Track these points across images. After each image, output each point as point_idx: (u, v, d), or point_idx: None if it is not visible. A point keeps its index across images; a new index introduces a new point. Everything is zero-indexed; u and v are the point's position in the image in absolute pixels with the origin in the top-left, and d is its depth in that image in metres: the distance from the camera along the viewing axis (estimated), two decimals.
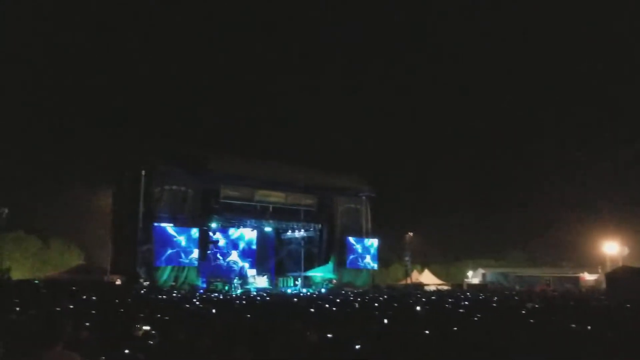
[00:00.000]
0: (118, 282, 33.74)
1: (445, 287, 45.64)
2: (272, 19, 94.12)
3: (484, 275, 55.52)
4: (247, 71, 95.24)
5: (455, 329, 10.47)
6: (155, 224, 36.11)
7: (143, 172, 36.10)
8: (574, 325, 10.91)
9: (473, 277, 55.87)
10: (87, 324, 9.62)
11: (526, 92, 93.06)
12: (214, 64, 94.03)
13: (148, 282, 34.00)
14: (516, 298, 26.25)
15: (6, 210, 33.11)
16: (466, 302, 20.67)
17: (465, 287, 47.50)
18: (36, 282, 30.70)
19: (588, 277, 48.76)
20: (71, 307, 14.78)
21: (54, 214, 43.06)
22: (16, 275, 36.75)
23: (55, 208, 42.63)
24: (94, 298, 19.18)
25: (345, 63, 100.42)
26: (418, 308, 16.67)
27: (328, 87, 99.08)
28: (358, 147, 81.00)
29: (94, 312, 13.02)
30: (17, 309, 13.04)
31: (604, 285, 38.63)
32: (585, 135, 70.10)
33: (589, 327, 10.54)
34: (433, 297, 25.72)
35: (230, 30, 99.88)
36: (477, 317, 13.25)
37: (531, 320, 12.46)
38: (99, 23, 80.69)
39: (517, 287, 43.12)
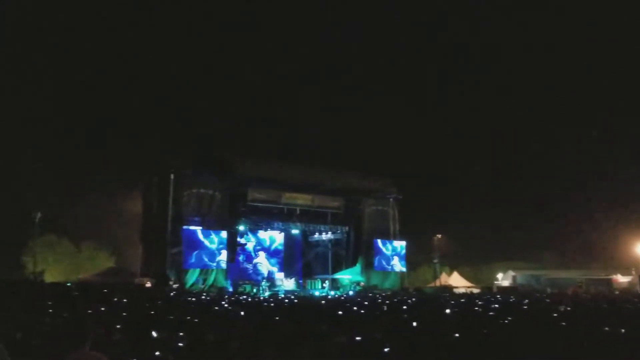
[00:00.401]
0: (148, 284, 34.04)
1: (475, 290, 45.07)
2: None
3: (514, 277, 54.61)
4: (271, 73, 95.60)
5: (485, 331, 10.34)
6: (184, 227, 36.50)
7: (172, 176, 36.55)
8: (607, 328, 10.69)
9: (503, 279, 55.01)
10: (118, 326, 9.76)
11: (549, 90, 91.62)
12: (235, 68, 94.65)
13: (177, 285, 34.34)
14: (547, 300, 25.80)
15: (39, 215, 33.80)
16: (496, 305, 20.38)
17: (495, 289, 46.80)
18: (69, 284, 31.17)
19: (621, 279, 47.75)
20: (103, 309, 14.98)
21: (85, 218, 43.81)
22: (49, 278, 37.51)
23: (86, 212, 43.36)
24: (124, 300, 19.39)
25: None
26: (447, 311, 16.48)
27: (350, 89, 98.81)
28: (385, 149, 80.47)
29: (125, 314, 13.18)
30: (50, 311, 13.28)
31: (637, 288, 37.88)
32: (617, 135, 68.60)
33: (622, 330, 10.32)
34: (462, 300, 25.43)
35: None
36: (507, 319, 13.06)
37: (563, 323, 12.25)
38: (123, 32, 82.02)
39: (549, 290, 42.35)
